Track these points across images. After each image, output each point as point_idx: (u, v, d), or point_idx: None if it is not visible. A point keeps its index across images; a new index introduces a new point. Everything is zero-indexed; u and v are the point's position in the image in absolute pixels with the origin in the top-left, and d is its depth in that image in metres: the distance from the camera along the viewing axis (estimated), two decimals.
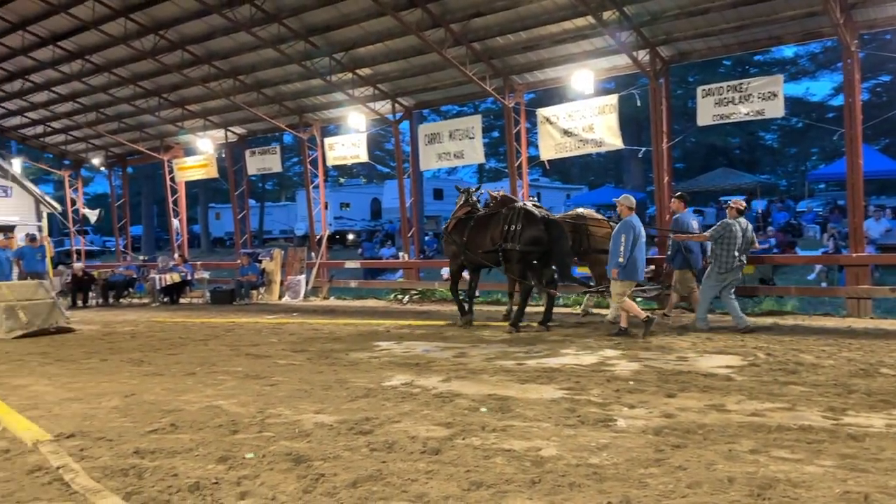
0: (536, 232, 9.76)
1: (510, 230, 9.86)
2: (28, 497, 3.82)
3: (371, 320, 12.02)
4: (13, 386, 6.93)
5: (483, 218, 10.53)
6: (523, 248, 9.77)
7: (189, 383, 6.82)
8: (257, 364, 7.82)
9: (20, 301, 11.55)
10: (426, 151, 15.66)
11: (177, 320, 13.63)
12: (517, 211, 10.00)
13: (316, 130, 18.51)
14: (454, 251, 10.86)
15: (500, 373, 6.84)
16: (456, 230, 10.83)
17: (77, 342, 10.40)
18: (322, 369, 7.36)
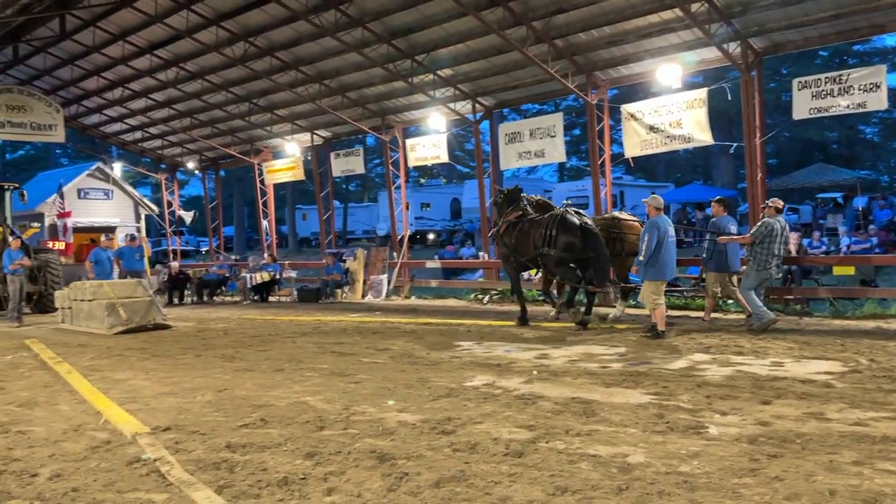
0: (571, 238, 10.01)
1: (547, 235, 10.16)
2: (127, 487, 4.00)
3: (451, 320, 12.05)
4: (114, 380, 7.31)
5: (529, 223, 10.80)
6: (559, 253, 10.02)
7: (278, 379, 7.00)
8: (342, 361, 7.96)
9: (121, 298, 12.20)
10: (506, 151, 15.58)
11: (266, 318, 14.07)
12: (554, 217, 10.29)
13: (398, 132, 18.74)
14: (505, 254, 11.22)
15: (584, 375, 6.71)
16: (507, 233, 11.14)
17: (173, 338, 10.88)
18: (404, 368, 7.42)
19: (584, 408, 5.40)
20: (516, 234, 10.93)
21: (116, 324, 11.74)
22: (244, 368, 7.73)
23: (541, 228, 10.41)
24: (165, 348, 9.68)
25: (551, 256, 10.13)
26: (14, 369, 8.27)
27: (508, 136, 15.54)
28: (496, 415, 5.28)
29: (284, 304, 17.65)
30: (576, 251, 10.06)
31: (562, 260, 10.13)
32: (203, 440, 4.84)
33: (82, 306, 12.60)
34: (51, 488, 4.02)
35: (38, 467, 4.40)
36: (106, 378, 7.40)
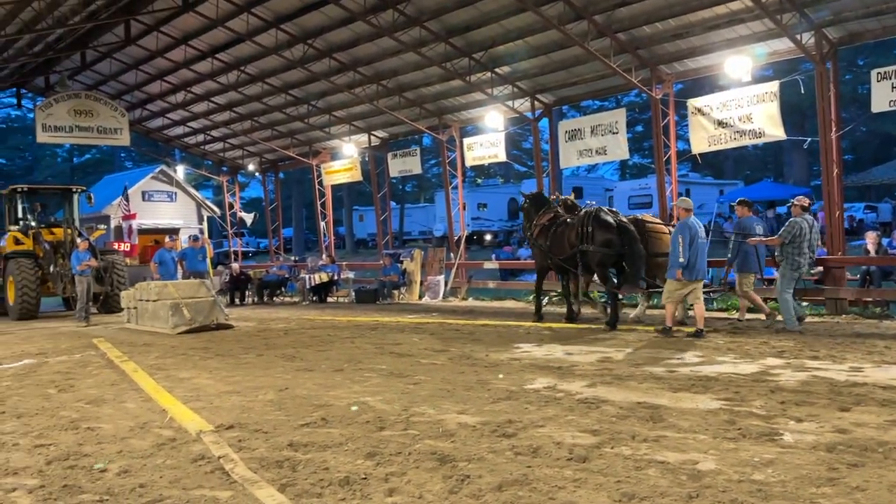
0: (608, 234, 10.36)
1: (583, 233, 10.53)
2: (192, 484, 4.11)
3: (510, 322, 12.02)
4: (179, 378, 7.54)
5: (563, 224, 11.23)
6: (597, 249, 10.38)
7: (338, 379, 7.10)
8: (400, 362, 8.02)
9: (184, 299, 12.58)
10: (566, 148, 15.42)
11: (325, 318, 14.28)
12: (588, 214, 10.65)
13: (455, 131, 18.77)
14: (539, 255, 11.74)
15: (650, 380, 6.58)
16: (541, 236, 11.60)
17: (235, 338, 11.16)
18: (463, 370, 7.42)
19: (650, 413, 5.29)
20: (551, 236, 11.30)
21: (180, 323, 12.11)
22: (304, 368, 7.87)
23: (576, 227, 10.73)
24: (228, 347, 9.94)
25: (591, 253, 10.45)
26: (83, 368, 8.62)
27: (569, 133, 15.38)
28: (558, 418, 5.22)
29: (342, 305, 17.89)
30: (613, 247, 10.35)
31: (604, 258, 10.42)
32: (265, 438, 4.94)
33: (147, 306, 13.05)
34: (119, 484, 4.16)
35: (107, 463, 4.57)
36: (170, 377, 7.64)
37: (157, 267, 15.56)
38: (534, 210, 12.22)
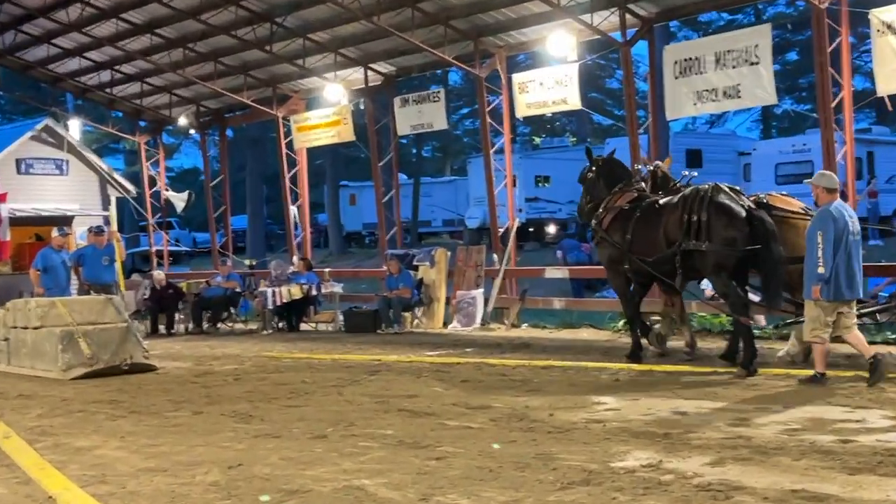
0: (732, 229, 10.58)
1: (692, 221, 10.69)
2: None
3: (587, 362, 11.98)
4: (74, 449, 7.59)
5: (654, 207, 11.45)
6: (712, 247, 10.60)
7: (318, 451, 7.12)
8: (416, 425, 8.03)
9: (82, 325, 12.68)
10: (676, 89, 15.31)
11: (298, 356, 14.24)
12: (700, 196, 10.79)
13: (499, 63, 18.72)
14: (612, 256, 11.99)
15: (811, 453, 6.54)
16: (615, 226, 11.85)
17: (160, 386, 11.20)
18: (514, 437, 7.40)
19: None
20: (634, 226, 11.53)
21: (75, 363, 12.19)
22: (267, 433, 7.90)
23: (678, 213, 10.93)
24: (149, 401, 9.97)
25: (705, 255, 10.65)
26: None
27: (680, 64, 15.26)
28: None
29: (324, 335, 17.89)
30: (738, 246, 10.58)
31: (724, 261, 10.64)
32: None
33: (25, 337, 13.16)
34: None
35: None
36: (62, 446, 7.70)
37: (39, 276, 15.71)
38: (603, 184, 12.40)
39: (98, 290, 15.45)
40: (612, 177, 12.41)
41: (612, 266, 12.15)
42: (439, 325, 18.11)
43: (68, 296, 15.50)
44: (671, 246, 10.99)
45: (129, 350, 12.66)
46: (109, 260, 16.22)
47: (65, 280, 15.95)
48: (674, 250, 10.94)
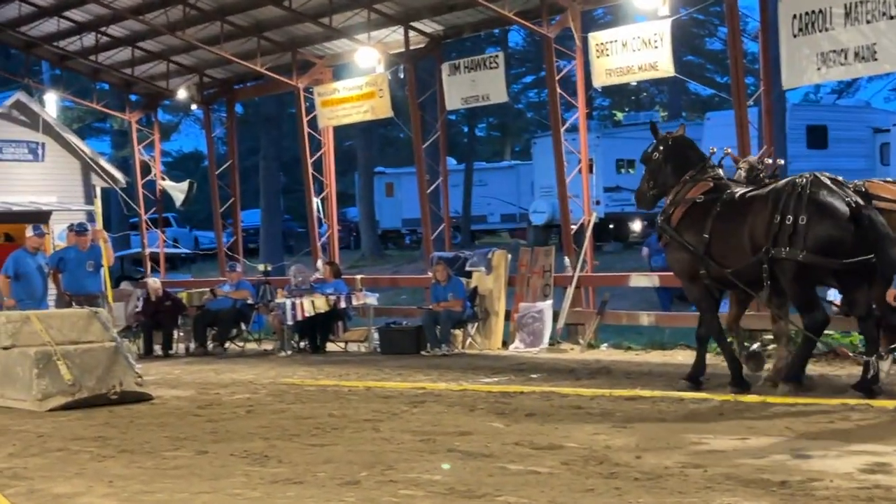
0: (833, 230, 10.81)
1: (785, 224, 10.88)
2: None
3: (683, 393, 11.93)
4: (52, 496, 7.64)
5: (735, 202, 11.65)
6: (810, 257, 10.81)
7: (349, 500, 7.14)
8: (470, 469, 8.02)
9: (61, 345, 12.78)
10: (794, 50, 15.20)
11: (324, 383, 14.33)
12: (794, 189, 11.00)
13: (572, 20, 18.64)
14: (685, 260, 12.16)
15: None
16: (687, 224, 12.01)
17: (156, 419, 11.27)
18: (592, 484, 7.37)
19: None
20: (711, 225, 11.69)
21: (54, 391, 12.27)
22: (286, 478, 7.93)
23: (767, 211, 11.13)
24: (143, 438, 10.03)
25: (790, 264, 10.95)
26: None
27: (800, 19, 15.11)
28: None
29: (356, 357, 18.00)
30: (844, 251, 10.80)
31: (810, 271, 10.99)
32: None
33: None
34: None
35: None
36: (37, 492, 7.76)
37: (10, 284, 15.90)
38: (671, 168, 12.54)
39: (81, 301, 15.61)
40: (683, 161, 12.50)
41: (686, 273, 12.30)
42: (497, 344, 18.13)
43: (45, 308, 15.67)
44: (757, 252, 11.17)
45: (119, 375, 12.72)
46: (95, 265, 16.39)
47: (41, 289, 16.11)
48: (760, 257, 11.13)
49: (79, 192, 26.27)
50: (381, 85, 21.63)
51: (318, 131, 23.63)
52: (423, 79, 22.25)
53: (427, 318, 18.00)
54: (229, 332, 20.40)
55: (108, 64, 26.43)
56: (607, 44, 17.80)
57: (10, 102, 25.47)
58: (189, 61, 25.53)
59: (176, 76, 26.19)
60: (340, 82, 23.02)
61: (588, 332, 17.70)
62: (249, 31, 23.13)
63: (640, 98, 49.24)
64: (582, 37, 18.43)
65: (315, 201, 23.83)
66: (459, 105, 21.00)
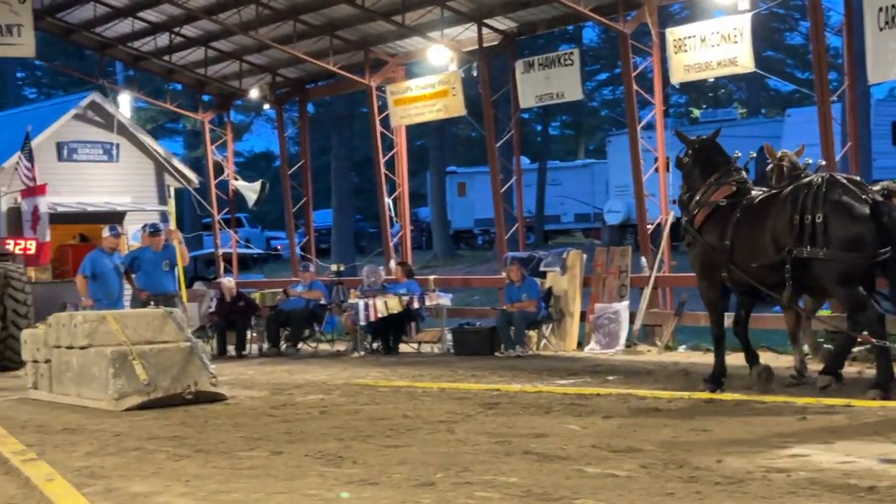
0: (856, 226, 11.03)
1: (805, 223, 11.16)
2: None
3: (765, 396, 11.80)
4: (130, 495, 7.74)
5: (756, 205, 11.99)
6: (834, 254, 11.06)
7: (425, 501, 7.16)
8: (546, 472, 8.00)
9: (136, 345, 12.97)
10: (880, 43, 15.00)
11: (397, 384, 14.39)
12: (811, 189, 11.26)
13: (649, 15, 18.53)
14: (706, 261, 12.52)
15: None
16: (710, 226, 12.36)
17: (230, 420, 11.40)
18: (672, 488, 7.32)
19: None
20: (733, 228, 12.01)
21: (130, 391, 12.47)
22: (361, 479, 7.96)
23: (787, 212, 11.40)
24: (218, 438, 10.15)
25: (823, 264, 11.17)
26: None
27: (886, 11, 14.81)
28: None
29: (429, 358, 18.04)
30: (866, 251, 11.07)
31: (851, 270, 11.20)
32: None
33: (69, 359, 13.49)
34: None
35: None
36: (114, 491, 7.87)
37: (87, 284, 16.14)
38: (699, 172, 12.85)
39: (159, 300, 15.84)
40: (709, 164, 12.82)
41: (705, 273, 12.66)
42: (573, 346, 18.09)
43: (121, 308, 15.90)
44: (780, 252, 11.43)
45: (193, 375, 12.88)
46: (170, 265, 16.60)
47: (117, 289, 16.40)
48: (782, 257, 11.39)
49: (153, 192, 26.59)
50: (453, 83, 21.65)
51: (391, 130, 23.71)
52: (496, 77, 22.24)
53: (501, 318, 18.00)
54: (302, 333, 20.53)
55: (181, 64, 26.71)
56: (685, 39, 17.68)
57: (85, 103, 25.87)
58: (261, 61, 25.73)
59: (248, 76, 26.42)
60: (413, 81, 23.06)
61: (665, 333, 17.61)
62: (322, 30, 23.27)
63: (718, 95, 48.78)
64: (659, 32, 18.33)
65: (387, 201, 23.89)
66: (533, 103, 20.98)
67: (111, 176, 25.99)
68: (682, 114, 45.22)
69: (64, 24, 25.61)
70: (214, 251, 29.27)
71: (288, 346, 20.20)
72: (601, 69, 50.21)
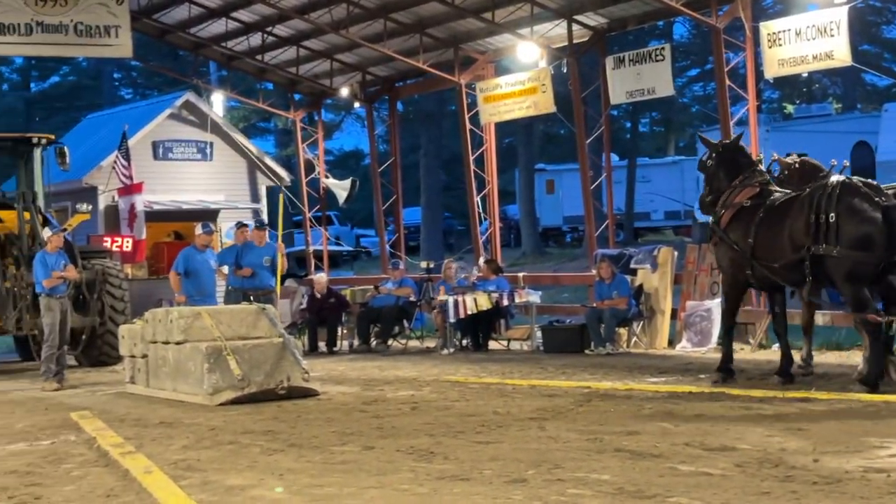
0: (866, 226, 11.51)
1: (820, 223, 11.67)
2: None
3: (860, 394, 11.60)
4: (226, 487, 7.85)
5: (780, 206, 12.52)
6: (847, 252, 11.53)
7: (517, 498, 7.14)
8: (639, 469, 7.97)
9: (230, 340, 13.15)
10: None
11: (487, 381, 14.41)
12: (825, 191, 11.77)
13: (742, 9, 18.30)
14: (732, 259, 13.15)
15: None
16: (735, 226, 12.96)
17: (323, 415, 11.52)
18: (768, 487, 7.25)
19: None
20: (756, 228, 12.60)
21: (223, 386, 12.67)
22: (452, 475, 7.99)
23: (804, 212, 11.92)
24: (311, 433, 10.26)
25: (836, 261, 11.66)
26: (56, 464, 9.19)
27: None
28: None
29: (518, 355, 18.05)
30: (877, 250, 11.51)
31: (858, 269, 11.66)
32: None
33: (166, 353, 13.76)
34: None
35: None
36: (211, 484, 8.00)
37: (180, 280, 16.38)
38: (724, 174, 13.45)
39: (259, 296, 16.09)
40: (734, 166, 13.41)
41: (731, 271, 13.30)
42: (664, 344, 17.98)
43: (213, 304, 16.11)
44: (797, 251, 12.01)
45: (286, 371, 13.05)
46: (270, 261, 16.88)
47: (210, 285, 16.64)
48: (801, 255, 11.94)
49: (245, 190, 26.95)
50: (543, 80, 21.60)
51: (480, 128, 23.73)
52: (586, 73, 22.14)
53: (591, 316, 17.93)
54: (392, 330, 20.65)
55: (273, 63, 26.96)
56: (780, 33, 17.47)
57: (179, 103, 26.30)
58: (352, 59, 25.90)
59: (339, 74, 26.60)
60: (502, 78, 23.03)
61: (759, 331, 17.43)
62: (412, 28, 23.36)
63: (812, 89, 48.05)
64: (752, 26, 18.14)
65: (476, 199, 23.91)
66: (624, 99, 20.87)
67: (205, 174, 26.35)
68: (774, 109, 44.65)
69: (160, 24, 25.97)
70: (305, 248, 29.54)
71: (378, 343, 20.33)
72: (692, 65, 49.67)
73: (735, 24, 18.53)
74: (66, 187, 23.90)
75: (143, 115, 27.27)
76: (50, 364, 15.52)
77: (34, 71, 59.46)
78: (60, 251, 15.97)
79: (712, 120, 30.71)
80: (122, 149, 24.11)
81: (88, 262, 18.42)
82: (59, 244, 16.05)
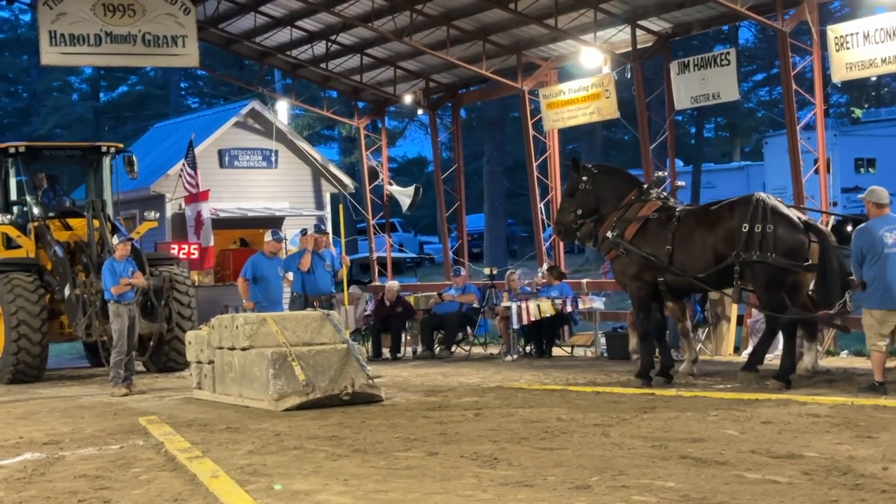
0: (798, 235, 12.97)
1: (754, 232, 12.82)
2: None
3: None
4: (291, 492, 7.94)
5: (694, 217, 13.78)
6: (779, 260, 12.79)
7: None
8: (704, 477, 7.93)
9: (295, 346, 13.25)
10: None
11: (551, 387, 14.38)
12: (760, 205, 12.93)
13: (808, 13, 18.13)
14: (638, 270, 14.04)
15: None
16: (644, 238, 13.91)
17: (387, 420, 11.55)
18: (836, 495, 7.20)
19: None
20: (676, 237, 13.60)
21: (288, 391, 12.76)
22: (516, 481, 8.00)
23: (732, 222, 13.09)
24: (375, 438, 10.31)
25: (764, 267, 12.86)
26: (124, 468, 9.32)
27: None
28: None
29: (582, 362, 18.02)
30: (801, 258, 12.90)
31: (780, 276, 12.96)
32: None
33: (232, 359, 13.91)
34: None
35: None
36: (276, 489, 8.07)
37: (248, 287, 16.52)
38: (611, 194, 14.42)
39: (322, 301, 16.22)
40: (621, 186, 14.53)
41: (635, 279, 14.19)
42: (729, 350, 17.84)
43: (279, 310, 16.23)
44: (720, 258, 13.12)
45: (350, 376, 13.11)
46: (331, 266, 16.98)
47: (278, 292, 16.78)
48: (731, 262, 12.97)
49: (310, 197, 27.08)
50: (607, 86, 21.56)
51: (543, 134, 23.70)
52: (649, 78, 22.02)
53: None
54: (455, 336, 20.67)
55: (337, 71, 27.09)
56: (847, 36, 17.27)
57: (245, 111, 26.49)
58: (415, 67, 25.98)
59: (402, 82, 26.67)
60: (565, 84, 22.99)
61: (827, 338, 17.23)
62: (475, 35, 23.38)
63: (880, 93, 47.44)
64: (819, 30, 17.97)
65: (540, 206, 23.89)
66: (689, 104, 20.74)
67: (270, 182, 26.51)
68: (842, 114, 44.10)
69: (226, 34, 26.24)
70: (369, 255, 29.64)
71: (441, 349, 20.38)
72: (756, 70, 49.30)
73: (801, 27, 18.35)
74: (135, 195, 24.24)
75: (210, 124, 27.50)
76: (119, 370, 15.73)
77: (103, 81, 60.29)
78: (128, 258, 16.21)
79: (778, 125, 30.46)
80: (189, 157, 24.33)
81: (156, 269, 18.70)
82: (127, 252, 16.30)
